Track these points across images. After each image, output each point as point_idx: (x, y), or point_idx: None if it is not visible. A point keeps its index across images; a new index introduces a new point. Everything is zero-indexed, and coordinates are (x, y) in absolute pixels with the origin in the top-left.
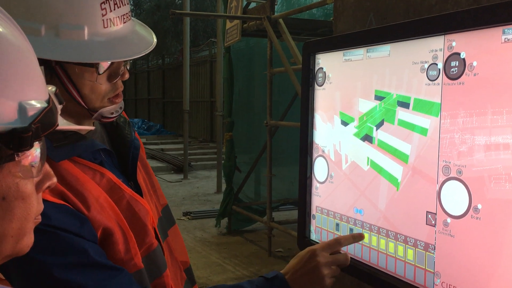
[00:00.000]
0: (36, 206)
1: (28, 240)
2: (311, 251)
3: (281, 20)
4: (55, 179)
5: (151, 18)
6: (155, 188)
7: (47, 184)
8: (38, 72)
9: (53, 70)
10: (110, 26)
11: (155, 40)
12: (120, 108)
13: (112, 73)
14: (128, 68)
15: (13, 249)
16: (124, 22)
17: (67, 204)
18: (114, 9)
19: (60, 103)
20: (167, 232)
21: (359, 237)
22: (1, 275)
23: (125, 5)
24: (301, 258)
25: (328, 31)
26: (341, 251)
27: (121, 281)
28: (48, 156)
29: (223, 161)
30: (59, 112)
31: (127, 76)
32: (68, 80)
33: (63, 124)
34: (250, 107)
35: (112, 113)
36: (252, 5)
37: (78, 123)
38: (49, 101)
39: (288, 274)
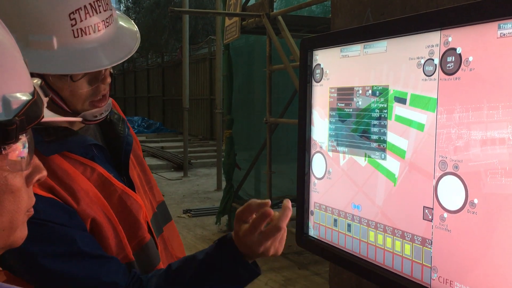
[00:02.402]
0: (26, 199)
1: (22, 233)
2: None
3: (280, 17)
4: (45, 172)
5: (150, 16)
6: (151, 185)
7: (37, 177)
8: (21, 65)
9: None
10: (81, 36)
11: (134, 47)
12: (106, 110)
13: (92, 78)
14: (112, 72)
15: (5, 242)
16: (99, 30)
17: (56, 198)
18: (86, 18)
19: (46, 95)
20: (162, 228)
21: (264, 204)
22: None
23: (100, 12)
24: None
25: (327, 28)
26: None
27: (110, 269)
28: (38, 150)
29: (223, 159)
30: (45, 104)
31: (108, 80)
32: (46, 85)
33: (49, 116)
34: (250, 104)
35: (95, 116)
36: (251, 2)
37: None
38: (34, 93)
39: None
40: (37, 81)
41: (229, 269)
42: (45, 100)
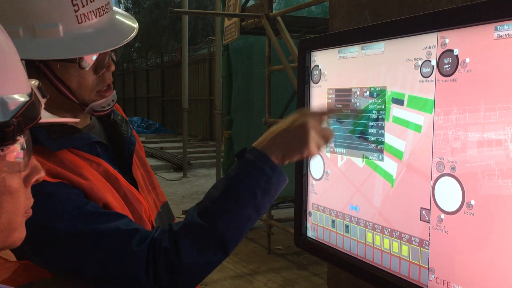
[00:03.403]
0: (24, 201)
1: (20, 234)
2: (300, 113)
3: (279, 18)
4: (43, 173)
5: (149, 17)
6: (154, 186)
7: (35, 178)
8: (19, 67)
9: (38, 68)
10: (85, 21)
11: (134, 31)
12: (112, 101)
13: (97, 65)
14: (114, 59)
15: (4, 243)
16: (100, 15)
17: (64, 181)
18: (87, 4)
19: (43, 96)
20: None
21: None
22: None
23: None
24: (287, 119)
25: (326, 29)
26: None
27: (127, 221)
28: (46, 147)
29: (222, 159)
30: (43, 105)
31: (113, 68)
32: (54, 77)
33: (47, 117)
34: (249, 105)
35: (103, 107)
36: (251, 3)
37: (74, 117)
38: (31, 94)
39: (263, 142)
40: (34, 82)
41: (255, 171)
42: (43, 101)
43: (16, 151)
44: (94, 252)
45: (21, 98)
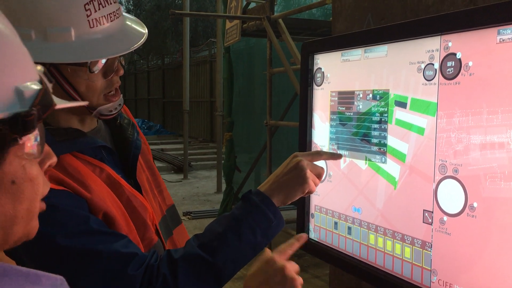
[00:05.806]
0: (42, 186)
1: (36, 222)
2: (292, 155)
3: (280, 20)
4: (55, 158)
5: (151, 18)
6: (161, 189)
7: (48, 163)
8: (25, 54)
9: (48, 71)
10: (97, 26)
11: (144, 36)
12: (119, 105)
13: (106, 69)
14: (122, 64)
15: (24, 231)
16: (111, 20)
17: (67, 189)
18: (99, 9)
19: (49, 81)
20: (172, 231)
21: (338, 156)
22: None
23: (111, 3)
24: (282, 164)
25: (327, 31)
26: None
27: (126, 243)
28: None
29: (223, 161)
30: (51, 91)
31: (121, 72)
32: (64, 80)
33: (58, 102)
34: (250, 107)
35: (110, 111)
36: (252, 5)
37: (81, 120)
38: (41, 81)
39: (266, 185)
40: (40, 68)
41: (258, 213)
42: (50, 86)
43: (33, 137)
44: (92, 272)
45: (33, 85)
